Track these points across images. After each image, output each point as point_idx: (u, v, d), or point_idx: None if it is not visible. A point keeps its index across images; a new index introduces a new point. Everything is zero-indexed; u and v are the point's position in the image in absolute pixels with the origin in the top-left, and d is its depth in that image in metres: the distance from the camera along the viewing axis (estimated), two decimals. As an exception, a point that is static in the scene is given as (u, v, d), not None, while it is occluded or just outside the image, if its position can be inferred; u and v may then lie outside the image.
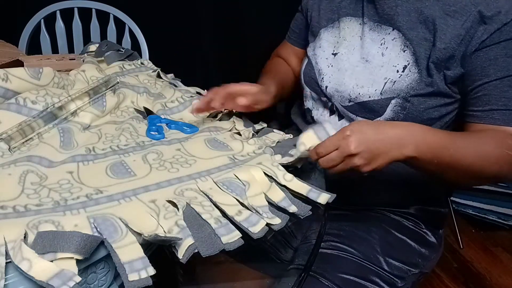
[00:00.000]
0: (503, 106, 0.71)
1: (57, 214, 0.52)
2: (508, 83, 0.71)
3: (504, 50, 0.71)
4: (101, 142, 0.73)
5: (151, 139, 0.76)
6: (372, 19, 0.83)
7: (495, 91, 0.72)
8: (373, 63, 0.82)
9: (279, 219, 0.59)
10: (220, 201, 0.59)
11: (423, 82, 0.77)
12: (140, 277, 0.45)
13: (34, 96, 0.74)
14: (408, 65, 0.78)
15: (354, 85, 0.83)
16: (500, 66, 0.71)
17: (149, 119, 0.83)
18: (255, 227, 0.56)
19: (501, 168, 0.68)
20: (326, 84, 0.88)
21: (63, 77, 0.83)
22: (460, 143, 0.68)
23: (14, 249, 0.45)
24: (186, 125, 0.83)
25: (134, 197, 0.58)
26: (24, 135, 0.69)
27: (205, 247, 0.51)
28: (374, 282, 0.77)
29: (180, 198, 0.59)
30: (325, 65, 0.89)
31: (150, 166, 0.67)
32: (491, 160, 0.68)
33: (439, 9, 0.75)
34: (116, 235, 0.49)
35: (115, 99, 0.85)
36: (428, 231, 0.88)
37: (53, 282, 0.42)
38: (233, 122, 0.87)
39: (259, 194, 0.62)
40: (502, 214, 1.94)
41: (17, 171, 0.60)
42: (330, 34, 0.91)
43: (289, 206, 0.62)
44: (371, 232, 0.84)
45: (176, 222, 0.54)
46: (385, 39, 0.81)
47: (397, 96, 0.78)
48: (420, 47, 0.77)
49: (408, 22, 0.78)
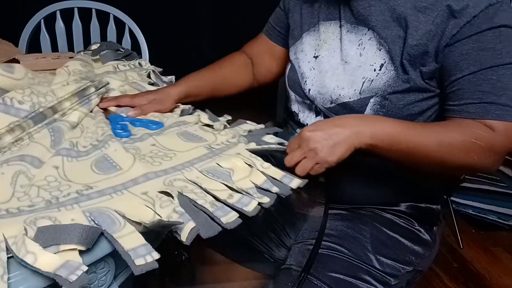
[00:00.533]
0: (477, 99, 0.71)
1: (52, 210, 0.52)
2: (481, 76, 0.71)
3: (476, 44, 0.71)
4: (82, 138, 0.74)
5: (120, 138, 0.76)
6: (349, 21, 0.84)
7: (469, 85, 0.72)
8: (352, 64, 0.83)
9: (268, 198, 0.63)
10: (210, 187, 0.62)
11: (399, 79, 0.77)
12: (146, 262, 0.46)
13: (20, 95, 0.74)
14: (384, 63, 0.78)
15: (335, 87, 0.84)
16: (473, 60, 0.71)
17: (110, 118, 0.82)
18: (248, 207, 0.59)
19: (468, 157, 0.70)
20: (309, 87, 0.89)
21: (37, 74, 0.82)
22: (422, 132, 0.71)
23: (16, 244, 0.45)
24: (151, 121, 0.83)
25: (125, 191, 0.59)
26: (14, 135, 0.69)
27: (205, 229, 0.53)
28: (365, 281, 0.77)
29: (172, 188, 0.60)
30: (307, 68, 0.90)
31: (133, 156, 0.67)
32: (454, 148, 0.70)
33: (411, 6, 0.76)
34: (115, 226, 0.50)
35: (98, 98, 0.85)
36: (421, 228, 0.88)
37: (61, 273, 0.42)
38: (198, 116, 0.89)
39: (244, 178, 0.66)
40: (502, 214, 1.93)
41: (10, 171, 0.60)
42: (311, 37, 0.91)
43: (271, 187, 0.66)
44: (362, 231, 0.84)
45: (174, 209, 0.55)
46: (362, 39, 0.82)
47: (375, 95, 0.79)
48: (394, 45, 0.77)
49: (382, 21, 0.79)
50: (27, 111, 0.73)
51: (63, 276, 0.42)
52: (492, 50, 0.70)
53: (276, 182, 0.68)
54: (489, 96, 0.70)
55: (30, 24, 1.54)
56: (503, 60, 0.70)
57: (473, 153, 0.69)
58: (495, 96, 0.70)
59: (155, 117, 0.87)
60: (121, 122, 0.81)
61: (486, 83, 0.71)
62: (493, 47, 0.70)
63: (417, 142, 0.70)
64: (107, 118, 0.83)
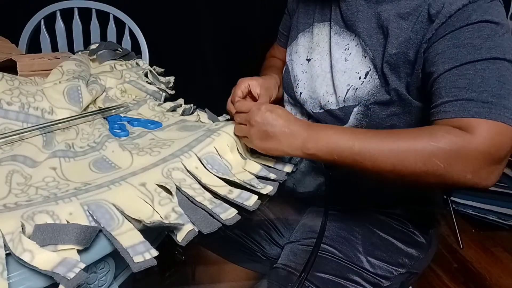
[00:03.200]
0: (453, 97, 0.63)
1: (49, 204, 0.51)
2: (456, 72, 0.64)
3: (451, 41, 0.65)
4: (78, 139, 0.74)
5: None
6: (338, 24, 0.83)
7: (445, 83, 0.65)
8: (336, 67, 0.81)
9: (271, 186, 0.64)
10: (209, 183, 0.62)
11: (383, 89, 0.74)
12: (144, 259, 0.46)
13: (8, 97, 0.73)
14: (369, 71, 0.76)
15: (325, 93, 0.83)
16: (448, 57, 0.65)
17: (108, 119, 0.82)
18: (249, 201, 0.60)
19: (431, 163, 0.59)
20: (300, 91, 0.88)
21: (14, 76, 0.81)
22: (371, 139, 0.63)
23: (13, 241, 0.44)
24: (149, 121, 0.83)
25: (123, 181, 0.58)
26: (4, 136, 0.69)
27: (204, 226, 0.53)
28: (355, 282, 0.77)
29: (170, 182, 0.60)
30: (300, 71, 0.89)
31: (131, 153, 0.67)
32: (410, 155, 0.60)
33: (395, 13, 0.72)
34: (113, 223, 0.50)
35: (90, 95, 0.85)
36: (416, 230, 0.87)
37: (58, 270, 0.42)
38: (198, 115, 0.90)
39: (243, 171, 0.67)
40: (502, 214, 1.93)
41: (3, 170, 0.60)
42: (305, 39, 0.91)
43: (268, 174, 0.68)
44: (354, 232, 0.83)
45: (173, 208, 0.55)
46: (349, 44, 0.80)
47: (358, 104, 0.77)
48: (378, 53, 0.74)
49: (367, 29, 0.77)
50: (16, 112, 0.73)
51: (61, 274, 0.42)
52: (469, 45, 0.63)
53: (270, 169, 0.70)
54: (466, 93, 0.62)
55: (30, 24, 1.54)
56: (482, 55, 0.62)
57: (436, 159, 0.58)
58: (474, 92, 0.61)
59: (156, 117, 0.87)
60: (119, 122, 0.81)
61: (463, 79, 0.63)
62: (471, 43, 0.63)
63: (363, 150, 0.62)
64: (105, 118, 0.83)
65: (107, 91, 0.93)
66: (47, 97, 0.78)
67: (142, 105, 0.91)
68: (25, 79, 0.82)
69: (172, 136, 0.75)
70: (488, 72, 0.62)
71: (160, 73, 1.12)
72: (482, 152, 0.58)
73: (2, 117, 0.72)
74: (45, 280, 0.43)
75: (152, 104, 0.92)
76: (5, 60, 0.89)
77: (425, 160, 0.59)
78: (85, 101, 0.82)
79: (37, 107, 0.76)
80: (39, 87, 0.79)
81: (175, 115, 0.89)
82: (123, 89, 0.96)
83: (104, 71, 1.00)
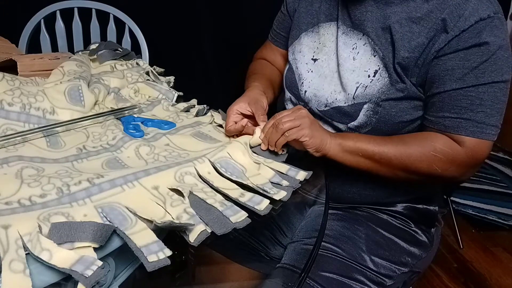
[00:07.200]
0: (455, 113, 0.73)
1: (64, 206, 0.52)
2: (461, 92, 0.72)
3: (462, 62, 0.72)
4: (90, 141, 0.74)
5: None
6: (345, 24, 0.84)
7: (449, 99, 0.74)
8: (344, 66, 0.82)
9: (285, 192, 0.64)
10: (221, 186, 0.62)
11: (393, 87, 0.77)
12: (158, 258, 0.46)
13: (10, 97, 0.74)
14: (378, 70, 0.78)
15: (332, 91, 0.84)
16: (456, 77, 0.72)
17: (122, 120, 0.82)
18: (260, 205, 0.60)
19: (431, 167, 0.75)
20: (305, 89, 0.89)
21: (14, 77, 0.81)
22: (384, 142, 0.76)
23: (31, 241, 0.45)
24: (163, 122, 0.83)
25: (136, 182, 0.59)
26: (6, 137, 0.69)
27: (218, 226, 0.54)
28: (358, 281, 0.77)
29: (183, 185, 0.60)
30: (305, 70, 0.90)
31: (146, 161, 0.67)
32: (415, 159, 0.75)
33: (406, 17, 0.76)
34: (126, 223, 0.51)
35: (92, 95, 0.84)
36: (418, 229, 0.88)
37: (77, 268, 0.43)
38: (211, 116, 0.90)
39: (257, 174, 0.67)
40: (502, 214, 1.93)
41: (12, 170, 0.60)
42: (310, 39, 0.91)
43: (281, 181, 0.68)
44: (357, 231, 0.84)
45: (185, 209, 0.55)
46: (356, 44, 0.82)
47: (369, 101, 0.79)
48: (388, 52, 0.77)
49: (376, 29, 0.79)
50: (18, 112, 0.73)
51: (79, 271, 0.42)
52: (476, 69, 0.71)
53: (283, 175, 0.70)
54: (466, 112, 0.73)
55: (30, 24, 1.54)
56: (485, 79, 0.71)
57: (434, 165, 0.74)
58: (472, 112, 0.72)
59: (170, 118, 0.87)
60: (133, 123, 0.81)
61: (466, 99, 0.72)
62: (477, 66, 0.71)
63: (380, 151, 0.75)
64: (118, 119, 0.83)
65: (115, 91, 0.93)
66: (48, 97, 0.78)
67: (156, 106, 0.91)
68: (26, 80, 0.82)
69: (186, 144, 0.75)
70: (486, 95, 0.72)
71: (160, 73, 1.12)
72: (468, 161, 0.75)
73: (3, 118, 0.72)
74: (56, 275, 0.44)
75: (166, 104, 0.93)
76: (5, 60, 0.89)
77: (427, 166, 0.75)
78: (87, 101, 0.82)
79: (38, 107, 0.76)
80: (40, 88, 0.79)
81: (189, 116, 0.89)
82: (136, 88, 0.96)
83: (105, 71, 1.00)
